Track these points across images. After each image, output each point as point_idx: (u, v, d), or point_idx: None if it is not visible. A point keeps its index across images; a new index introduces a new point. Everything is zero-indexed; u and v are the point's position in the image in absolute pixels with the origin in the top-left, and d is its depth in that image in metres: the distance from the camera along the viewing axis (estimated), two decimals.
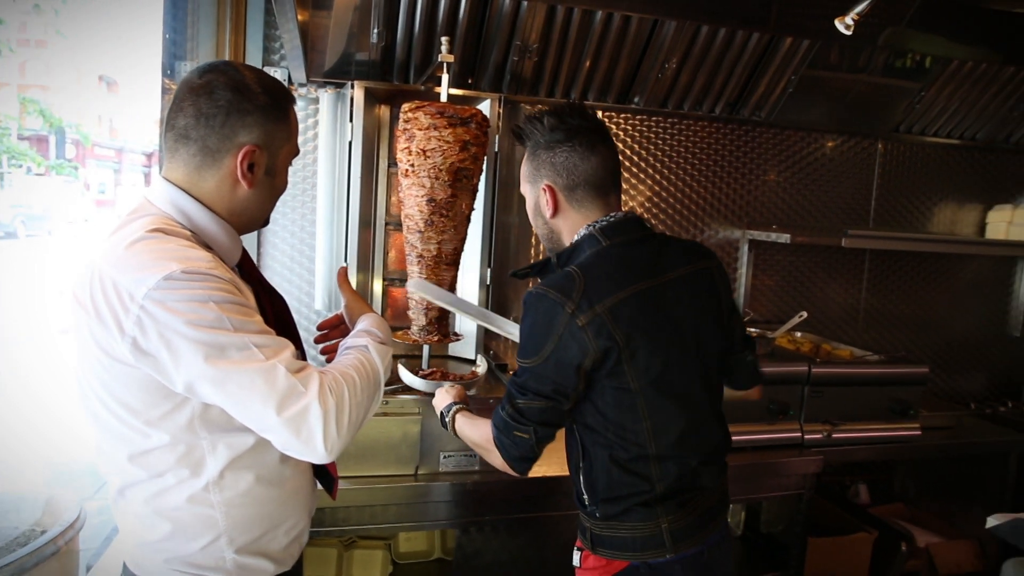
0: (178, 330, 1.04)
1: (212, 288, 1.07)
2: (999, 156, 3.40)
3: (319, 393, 1.10)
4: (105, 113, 25.92)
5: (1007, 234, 3.30)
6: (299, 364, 1.12)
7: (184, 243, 1.12)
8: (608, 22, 2.41)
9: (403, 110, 1.91)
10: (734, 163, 3.03)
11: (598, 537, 1.47)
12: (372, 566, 2.25)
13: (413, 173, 1.86)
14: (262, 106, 1.19)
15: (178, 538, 1.18)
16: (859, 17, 1.74)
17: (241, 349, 1.07)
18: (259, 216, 1.29)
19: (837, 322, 3.28)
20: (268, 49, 2.46)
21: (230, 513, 1.19)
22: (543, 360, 1.35)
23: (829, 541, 2.55)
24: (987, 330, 3.51)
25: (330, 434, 1.10)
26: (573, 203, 1.47)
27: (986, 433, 2.84)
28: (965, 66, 2.87)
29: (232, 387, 1.06)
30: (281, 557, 1.28)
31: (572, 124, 1.45)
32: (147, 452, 1.14)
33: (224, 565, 1.20)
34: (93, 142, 22.59)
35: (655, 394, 1.38)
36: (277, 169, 1.26)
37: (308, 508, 1.36)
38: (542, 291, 1.36)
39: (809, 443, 2.44)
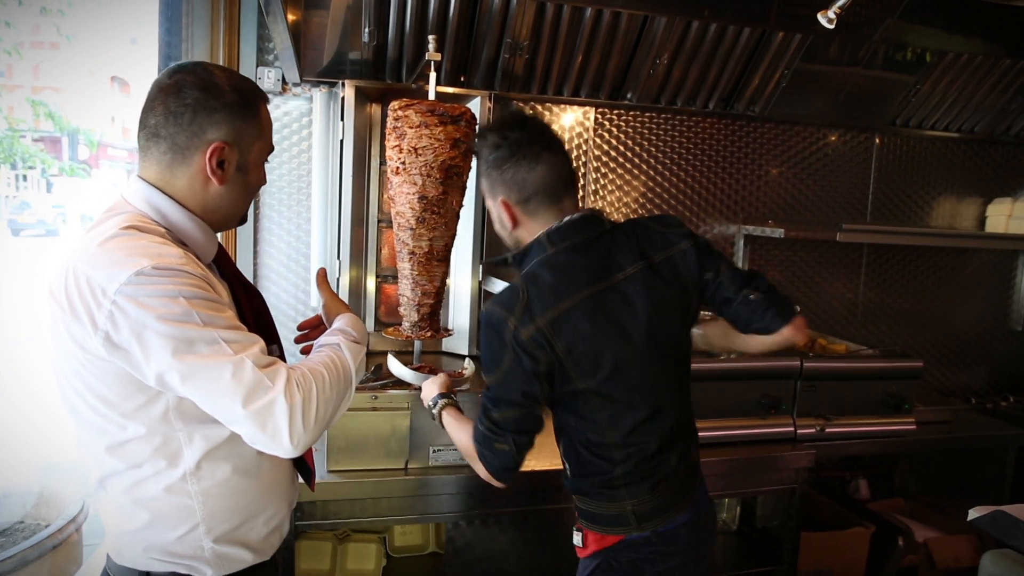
0: (148, 325, 1.06)
1: (182, 284, 1.09)
2: (998, 149, 3.38)
3: (285, 388, 1.11)
4: (118, 114, 26.14)
5: (1007, 227, 3.28)
6: (267, 360, 1.14)
7: (157, 240, 1.14)
8: (598, 18, 2.42)
9: (392, 108, 1.92)
10: (729, 158, 3.03)
11: (580, 510, 1.57)
12: (366, 559, 2.27)
13: (404, 171, 1.88)
14: (229, 104, 1.20)
15: (156, 527, 1.20)
16: (840, 11, 1.75)
17: (210, 344, 1.09)
18: (233, 213, 1.30)
19: (836, 317, 3.27)
20: (262, 49, 2.49)
21: (207, 503, 1.21)
22: (504, 373, 1.41)
23: (824, 536, 2.55)
24: (988, 324, 3.49)
25: (296, 428, 1.12)
26: (528, 214, 1.51)
27: (984, 427, 2.83)
28: (962, 58, 2.85)
29: (200, 380, 1.08)
30: (260, 547, 1.31)
31: (513, 138, 1.48)
32: (124, 443, 1.17)
33: (203, 554, 1.22)
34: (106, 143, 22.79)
35: (607, 391, 1.45)
36: (249, 166, 1.27)
37: (288, 499, 1.38)
38: (491, 308, 1.44)
39: (802, 437, 2.44)
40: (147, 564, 1.22)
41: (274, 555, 1.37)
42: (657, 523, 1.50)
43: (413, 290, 1.98)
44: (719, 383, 2.34)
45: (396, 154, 1.88)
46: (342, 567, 2.26)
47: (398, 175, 1.89)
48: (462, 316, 2.48)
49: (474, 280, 2.44)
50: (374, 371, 2.16)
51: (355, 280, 2.39)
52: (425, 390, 1.76)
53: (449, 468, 1.99)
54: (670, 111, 2.88)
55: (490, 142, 1.50)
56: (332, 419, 1.23)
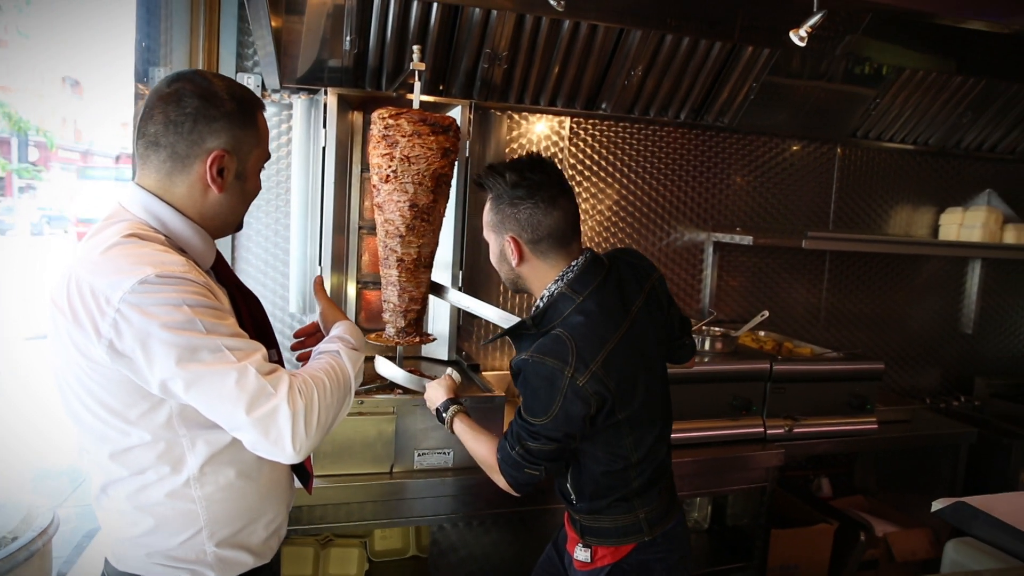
0: (152, 333, 1.07)
1: (185, 292, 1.10)
2: (950, 161, 3.55)
3: (288, 394, 1.13)
4: (69, 115, 25.37)
5: (958, 235, 3.45)
6: (270, 366, 1.16)
7: (158, 248, 1.16)
8: (576, 31, 2.49)
9: (381, 117, 1.93)
10: (699, 167, 3.12)
11: (587, 528, 1.64)
12: (348, 564, 2.28)
13: (395, 179, 1.90)
14: (229, 112, 1.22)
15: (160, 533, 1.21)
16: (812, 30, 1.83)
17: (213, 351, 1.10)
18: (231, 220, 1.32)
19: (800, 321, 3.39)
20: (241, 55, 2.49)
21: (211, 508, 1.23)
22: (552, 417, 1.46)
23: (792, 532, 2.65)
24: (941, 328, 3.66)
25: (298, 435, 1.14)
26: (538, 254, 1.56)
27: (939, 426, 2.97)
28: (918, 74, 2.99)
29: (204, 387, 1.10)
30: (260, 550, 1.32)
31: (533, 180, 1.53)
32: (128, 450, 1.18)
33: (205, 558, 1.24)
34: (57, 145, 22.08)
35: (637, 416, 1.54)
36: (248, 173, 1.29)
37: (286, 502, 1.40)
38: (539, 359, 1.46)
39: (771, 438, 2.53)
40: (149, 570, 1.23)
41: (273, 561, 1.39)
42: (663, 525, 1.61)
43: (400, 296, 2.00)
44: (692, 386, 2.42)
45: (387, 162, 1.89)
46: (324, 572, 2.26)
47: (388, 183, 1.91)
48: (441, 322, 2.51)
49: (454, 287, 2.47)
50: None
51: (336, 286, 2.40)
52: (432, 393, 1.79)
53: (434, 471, 2.02)
54: (643, 121, 2.96)
55: (508, 180, 1.53)
56: (333, 425, 1.25)
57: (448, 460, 2.03)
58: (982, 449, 2.96)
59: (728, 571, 2.55)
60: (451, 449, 2.03)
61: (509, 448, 1.53)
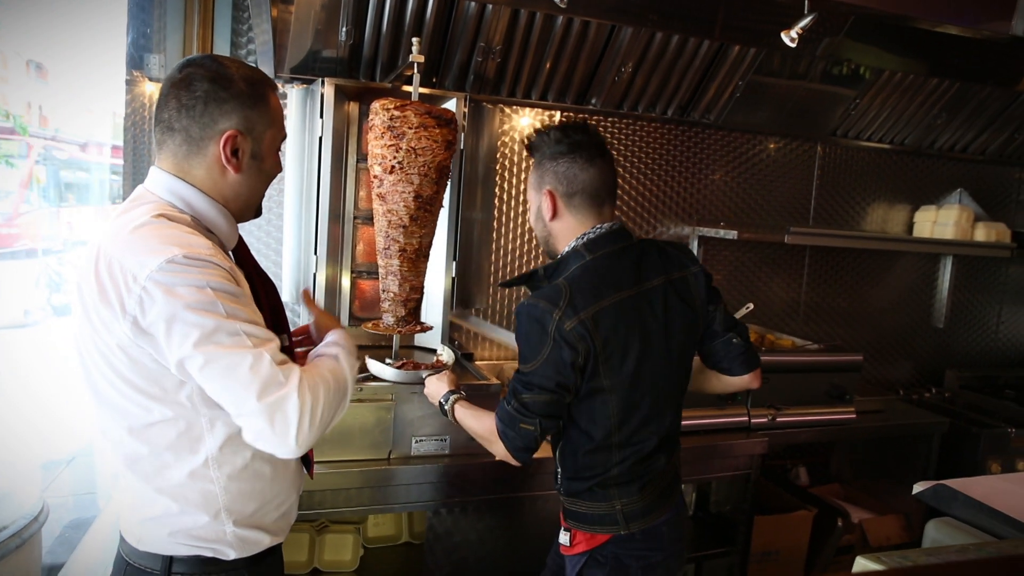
0: (175, 312, 1.09)
1: (210, 275, 1.13)
2: (924, 161, 3.67)
3: (299, 386, 1.15)
4: (34, 100, 24.73)
5: (932, 233, 3.56)
6: (282, 357, 1.18)
7: (186, 229, 1.18)
8: (568, 26, 2.52)
9: (385, 108, 1.94)
10: (684, 163, 3.19)
11: (567, 511, 1.66)
12: (343, 550, 2.31)
13: (401, 170, 1.92)
14: (238, 93, 1.24)
15: (181, 513, 1.23)
16: (803, 31, 1.90)
17: (232, 335, 1.12)
18: (252, 201, 1.34)
19: (780, 315, 3.48)
20: (235, 44, 2.48)
21: (229, 489, 1.25)
22: (542, 361, 1.50)
23: (773, 519, 2.73)
24: (913, 322, 3.78)
25: (303, 428, 1.15)
26: (571, 209, 1.62)
27: (913, 416, 3.08)
28: (895, 76, 3.09)
29: (218, 369, 1.12)
30: (275, 529, 1.35)
31: (575, 139, 1.60)
32: (149, 427, 1.19)
33: (225, 538, 1.26)
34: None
35: (624, 391, 1.56)
36: (264, 153, 1.30)
37: (296, 485, 1.43)
38: (534, 302, 1.52)
39: (755, 426, 2.61)
40: (172, 548, 1.25)
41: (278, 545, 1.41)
42: (643, 523, 1.61)
43: (401, 286, 2.03)
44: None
45: (392, 153, 1.91)
46: (320, 558, 2.29)
47: (393, 173, 1.93)
48: (435, 312, 2.53)
49: (447, 278, 2.50)
50: None
51: (331, 276, 2.41)
52: (431, 388, 1.83)
53: (430, 458, 2.06)
54: (631, 117, 3.01)
55: (552, 138, 1.61)
56: (330, 425, 1.26)
57: (445, 447, 2.07)
58: (953, 438, 3.08)
59: (712, 556, 2.63)
60: (448, 436, 2.07)
61: (505, 404, 1.56)
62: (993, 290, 3.92)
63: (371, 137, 1.98)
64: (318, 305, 1.60)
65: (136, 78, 2.40)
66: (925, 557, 1.07)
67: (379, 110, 1.94)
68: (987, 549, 1.18)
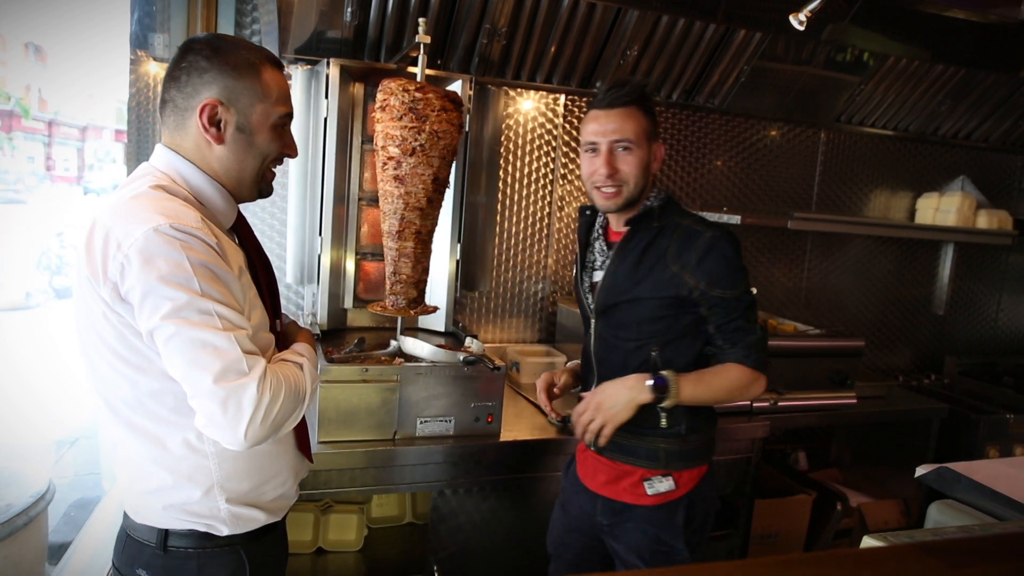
0: (149, 282, 1.09)
1: (192, 249, 1.12)
2: (927, 147, 3.66)
3: (261, 379, 1.13)
4: (33, 83, 24.61)
5: (933, 220, 3.57)
6: (251, 347, 1.15)
7: (180, 202, 1.18)
8: (574, 9, 2.52)
9: (405, 89, 1.92)
10: (689, 147, 3.18)
11: (674, 453, 1.67)
12: (348, 530, 2.33)
13: (422, 152, 1.92)
14: (221, 64, 1.23)
15: (175, 487, 1.23)
16: (811, 14, 1.89)
17: (202, 312, 1.11)
18: (245, 177, 1.30)
19: (782, 300, 3.49)
20: (240, 24, 2.47)
21: (222, 464, 1.25)
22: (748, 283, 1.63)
23: (774, 502, 2.75)
24: (914, 309, 3.79)
25: (255, 421, 1.12)
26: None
27: (912, 402, 3.10)
28: (900, 62, 3.08)
29: (182, 344, 1.10)
30: (272, 507, 1.35)
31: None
32: (139, 398, 1.19)
33: (219, 514, 1.26)
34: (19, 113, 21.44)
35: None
36: (252, 127, 1.27)
37: (295, 468, 1.41)
38: (724, 233, 1.61)
39: (757, 411, 2.62)
40: (166, 522, 1.26)
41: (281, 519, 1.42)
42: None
43: (414, 268, 2.04)
44: None
45: (414, 135, 1.90)
46: (324, 538, 2.31)
47: (414, 156, 1.92)
48: (439, 294, 2.54)
49: (451, 260, 2.51)
50: (358, 344, 2.21)
51: (336, 258, 2.42)
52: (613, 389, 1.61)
53: (435, 438, 2.07)
54: None
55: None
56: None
57: (449, 428, 2.08)
58: (952, 424, 3.10)
59: (712, 539, 2.64)
60: (452, 417, 2.08)
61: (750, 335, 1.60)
62: (994, 278, 3.93)
63: (385, 117, 1.96)
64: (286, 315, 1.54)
65: (140, 58, 2.39)
66: (931, 536, 1.09)
67: (396, 90, 1.92)
68: (992, 529, 1.19)
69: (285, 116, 1.31)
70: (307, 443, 1.47)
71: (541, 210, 2.96)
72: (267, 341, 1.30)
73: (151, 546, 1.26)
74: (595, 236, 1.79)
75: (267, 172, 1.33)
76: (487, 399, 2.09)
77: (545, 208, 2.96)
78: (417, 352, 2.09)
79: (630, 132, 1.60)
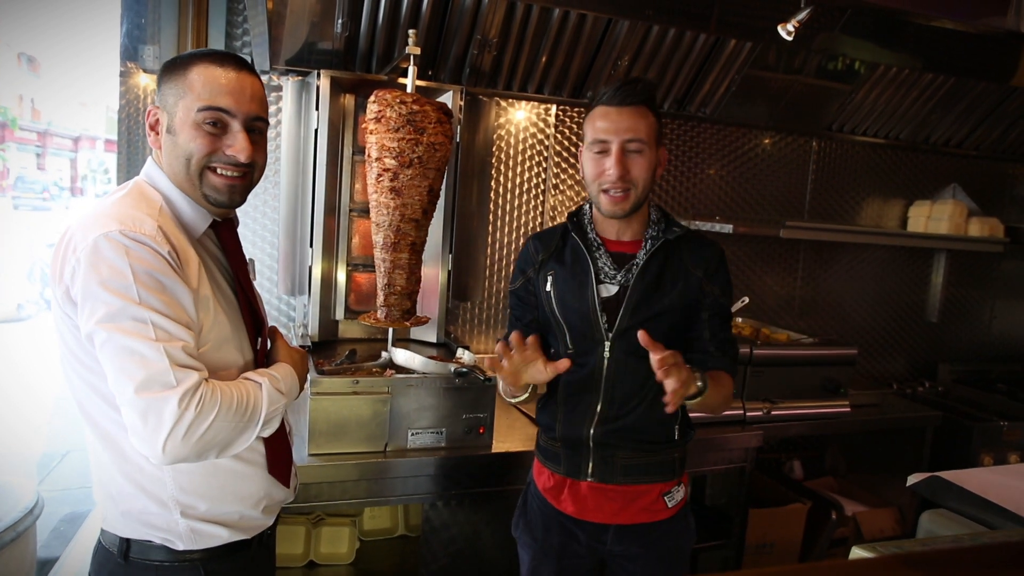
0: (90, 285, 1.10)
1: (138, 257, 1.11)
2: (919, 155, 3.68)
3: (186, 394, 1.09)
4: (26, 93, 24.60)
5: (926, 227, 3.58)
6: (186, 360, 1.12)
7: (144, 207, 1.19)
8: (564, 19, 2.52)
9: (403, 101, 1.92)
10: (680, 156, 3.19)
11: (683, 459, 1.72)
12: (339, 542, 2.31)
13: (419, 164, 1.93)
14: (163, 72, 1.26)
15: (134, 495, 1.23)
16: (799, 24, 1.90)
17: (137, 320, 1.09)
18: (180, 181, 1.26)
19: (775, 309, 3.49)
20: (230, 35, 2.47)
21: (178, 479, 1.23)
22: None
23: (768, 512, 2.74)
24: (907, 316, 3.80)
25: (175, 436, 1.08)
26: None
27: (906, 410, 3.09)
28: (890, 71, 3.09)
29: (112, 352, 1.09)
30: (239, 525, 1.32)
31: None
32: (99, 407, 1.19)
33: (176, 528, 1.24)
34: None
35: None
36: (176, 127, 1.23)
37: (265, 492, 1.35)
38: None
39: (751, 420, 2.61)
40: (126, 530, 1.25)
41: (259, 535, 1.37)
42: None
43: (408, 279, 2.04)
44: None
45: (411, 147, 1.91)
46: (316, 551, 2.29)
47: (411, 168, 1.93)
48: (431, 305, 2.53)
49: (443, 271, 2.50)
50: (349, 356, 2.20)
51: (327, 270, 2.41)
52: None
53: (426, 450, 2.06)
54: None
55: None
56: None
57: (440, 439, 2.07)
58: (946, 432, 3.10)
59: (707, 549, 2.63)
60: (444, 428, 2.07)
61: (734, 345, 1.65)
62: (986, 285, 3.94)
63: (380, 129, 1.95)
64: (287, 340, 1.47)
65: (130, 69, 2.39)
66: (920, 547, 1.08)
67: (393, 102, 1.92)
68: (981, 538, 1.18)
69: (209, 109, 1.22)
70: (283, 468, 1.39)
71: (533, 220, 2.96)
72: (232, 356, 1.28)
73: (114, 555, 1.26)
74: (593, 245, 1.62)
75: (207, 174, 1.25)
76: (479, 410, 2.08)
77: (537, 218, 2.96)
78: (408, 364, 2.09)
79: (643, 132, 1.51)
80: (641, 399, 1.60)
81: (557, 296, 1.62)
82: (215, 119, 1.23)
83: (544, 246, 1.68)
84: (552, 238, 1.68)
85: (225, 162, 1.25)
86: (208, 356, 1.21)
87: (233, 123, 1.25)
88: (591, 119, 1.56)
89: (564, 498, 1.66)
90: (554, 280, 1.63)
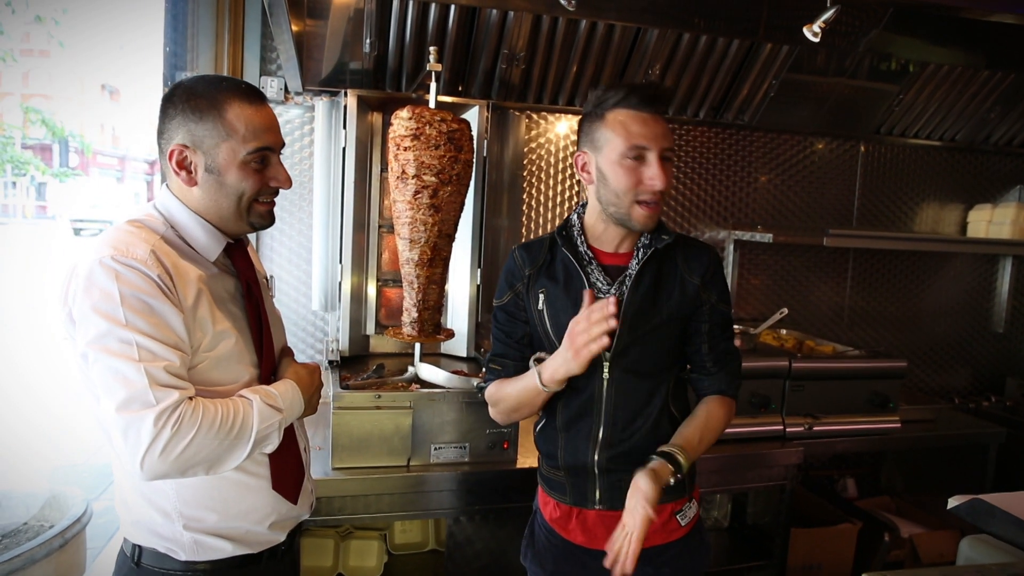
0: (83, 309, 1.15)
1: (127, 281, 1.15)
2: (978, 157, 3.49)
3: (164, 412, 1.12)
4: (107, 121, 26.10)
5: (988, 232, 3.38)
6: (169, 380, 1.14)
7: (143, 235, 1.23)
8: (592, 30, 2.50)
9: (443, 119, 1.96)
10: (719, 165, 3.11)
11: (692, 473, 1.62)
12: (368, 556, 2.32)
13: (459, 181, 1.99)
14: (185, 107, 1.25)
15: (141, 505, 1.28)
16: (825, 25, 1.83)
17: (122, 342, 1.13)
18: (223, 215, 1.31)
19: (824, 320, 3.35)
20: (265, 59, 2.55)
21: (181, 491, 1.27)
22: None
23: (814, 532, 2.62)
24: (971, 327, 3.59)
25: (153, 454, 1.11)
26: None
27: (965, 426, 2.91)
28: (943, 69, 2.95)
29: (99, 371, 1.14)
30: (246, 539, 1.34)
31: None
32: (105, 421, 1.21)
33: (180, 539, 1.29)
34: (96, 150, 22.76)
35: None
36: (220, 168, 1.27)
37: (272, 508, 1.36)
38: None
39: (791, 435, 2.51)
40: (136, 537, 1.31)
41: (270, 549, 1.38)
42: None
43: (440, 294, 2.10)
44: None
45: (451, 164, 1.95)
46: (344, 564, 2.31)
47: (451, 184, 1.97)
48: (460, 318, 2.54)
49: (472, 285, 2.51)
50: (376, 370, 2.22)
51: (356, 285, 2.45)
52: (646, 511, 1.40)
53: (450, 465, 2.05)
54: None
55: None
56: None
57: (464, 454, 2.06)
58: (1012, 449, 2.90)
59: (748, 570, 2.54)
60: (467, 443, 2.06)
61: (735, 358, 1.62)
62: None
63: (419, 146, 1.95)
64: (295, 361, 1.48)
65: None
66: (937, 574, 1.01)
67: (432, 120, 1.95)
68: (1011, 569, 1.10)
69: (257, 151, 1.28)
70: (289, 484, 1.39)
71: None
72: (235, 373, 1.30)
73: (130, 560, 1.31)
74: (584, 259, 1.52)
75: (254, 205, 1.32)
76: (503, 425, 2.07)
77: None
78: (433, 378, 2.10)
79: (672, 141, 1.44)
80: (644, 419, 1.52)
81: (551, 315, 1.52)
82: (263, 158, 1.31)
83: (531, 258, 1.57)
84: (539, 250, 1.57)
85: (270, 193, 1.35)
86: (207, 373, 1.25)
87: (273, 156, 1.33)
88: (622, 124, 1.41)
89: (572, 527, 1.59)
90: (547, 298, 1.53)
